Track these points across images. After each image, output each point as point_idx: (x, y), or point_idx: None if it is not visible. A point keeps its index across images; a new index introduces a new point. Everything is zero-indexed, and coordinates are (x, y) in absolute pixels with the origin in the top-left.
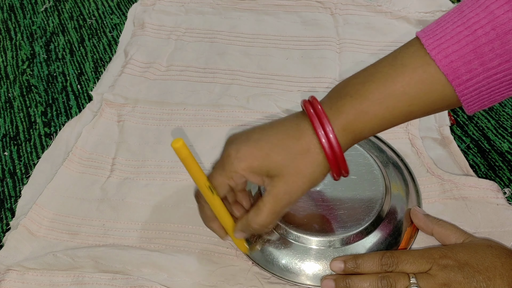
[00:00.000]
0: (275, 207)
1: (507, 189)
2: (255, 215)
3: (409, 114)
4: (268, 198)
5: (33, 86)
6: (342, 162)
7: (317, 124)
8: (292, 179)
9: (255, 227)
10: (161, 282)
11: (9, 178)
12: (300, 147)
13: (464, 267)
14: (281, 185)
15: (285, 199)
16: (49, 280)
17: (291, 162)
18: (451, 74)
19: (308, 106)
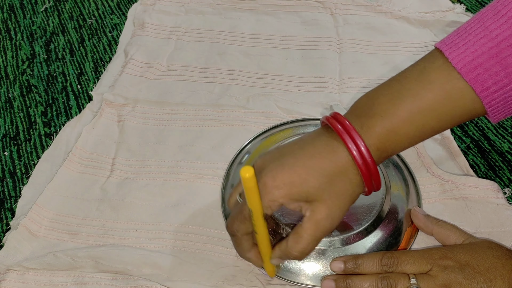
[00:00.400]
0: (316, 233)
1: (507, 189)
2: (295, 243)
3: (438, 129)
4: (308, 225)
5: (33, 86)
6: (376, 179)
7: (351, 144)
8: (332, 202)
9: (295, 255)
10: (162, 282)
11: (9, 178)
12: (337, 169)
13: (464, 268)
14: (322, 210)
15: (327, 224)
16: (49, 280)
17: (329, 186)
18: (479, 87)
19: (336, 124)
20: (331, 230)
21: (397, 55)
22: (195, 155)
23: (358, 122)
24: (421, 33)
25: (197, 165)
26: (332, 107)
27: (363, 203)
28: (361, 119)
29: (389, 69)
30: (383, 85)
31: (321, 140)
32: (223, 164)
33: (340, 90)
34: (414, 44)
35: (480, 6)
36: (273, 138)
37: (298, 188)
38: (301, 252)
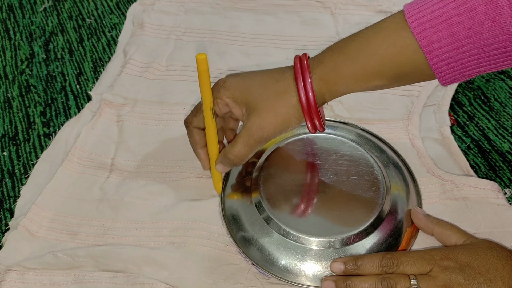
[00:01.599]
0: (248, 139)
1: (508, 189)
2: (231, 147)
3: (379, 75)
4: (243, 132)
5: (32, 86)
6: (315, 110)
7: (298, 71)
8: (265, 114)
9: (231, 158)
10: (162, 280)
11: (8, 178)
12: (278, 88)
13: (465, 268)
14: (255, 120)
15: (258, 133)
16: (50, 279)
17: (267, 99)
18: (422, 40)
19: (297, 58)
20: (262, 139)
21: None
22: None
23: (316, 56)
24: None
25: (196, 164)
26: (332, 107)
27: (364, 204)
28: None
29: None
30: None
31: (279, 69)
32: None
33: None
34: None
35: None
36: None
37: (241, 93)
38: (236, 156)
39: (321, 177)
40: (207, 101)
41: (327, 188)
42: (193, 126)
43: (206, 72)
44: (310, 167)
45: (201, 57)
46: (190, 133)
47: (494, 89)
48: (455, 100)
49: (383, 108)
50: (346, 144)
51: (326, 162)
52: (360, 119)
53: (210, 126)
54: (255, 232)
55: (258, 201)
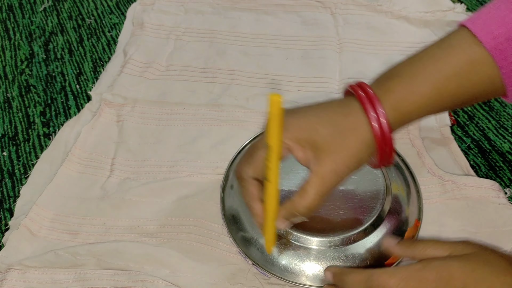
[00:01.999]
0: (322, 188)
1: (508, 189)
2: (301, 198)
3: (456, 97)
4: (314, 179)
5: (31, 86)
6: (389, 143)
7: (366, 102)
8: (339, 156)
9: (301, 211)
10: (164, 278)
11: (8, 178)
12: (348, 124)
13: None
14: (328, 164)
15: (333, 179)
16: (51, 278)
17: (338, 138)
18: (499, 55)
19: (356, 88)
20: (336, 185)
21: (397, 54)
22: (194, 155)
23: (377, 85)
24: (421, 33)
25: (196, 164)
26: None
27: (364, 203)
28: (380, 83)
29: None
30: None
31: (340, 101)
32: (222, 163)
33: (340, 90)
34: (414, 43)
35: (480, 5)
36: None
37: (307, 133)
38: (308, 208)
39: None
40: (276, 150)
41: None
42: (249, 176)
43: (279, 116)
44: None
45: (276, 98)
46: (245, 185)
47: None
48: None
49: None
50: None
51: None
52: None
53: (276, 177)
54: (255, 232)
55: None
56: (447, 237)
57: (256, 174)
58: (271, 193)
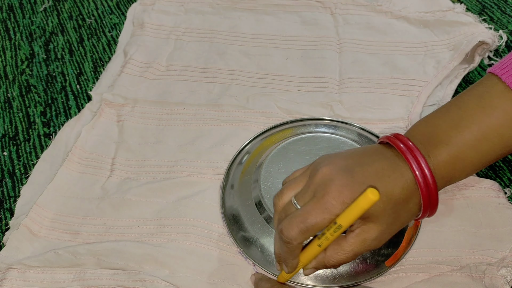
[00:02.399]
0: (359, 249)
1: (508, 189)
2: (335, 253)
3: (502, 154)
4: (354, 240)
5: (32, 86)
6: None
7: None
8: (387, 227)
9: (332, 264)
10: (163, 278)
11: (8, 178)
12: (403, 197)
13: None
14: (373, 232)
15: (373, 244)
16: (51, 277)
17: (391, 212)
18: None
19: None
20: (373, 249)
21: (397, 55)
22: (194, 155)
23: (423, 149)
24: (421, 33)
25: (197, 164)
26: (332, 107)
27: None
28: (425, 147)
29: (389, 69)
30: (440, 111)
31: (387, 159)
32: (222, 163)
33: (340, 90)
34: (414, 43)
35: (480, 6)
36: (273, 138)
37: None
38: (339, 263)
39: None
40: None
41: None
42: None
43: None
44: None
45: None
46: (292, 249)
47: None
48: None
49: (383, 108)
50: (347, 144)
51: None
52: (360, 119)
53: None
54: (256, 231)
55: (258, 201)
56: (446, 237)
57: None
58: (315, 254)
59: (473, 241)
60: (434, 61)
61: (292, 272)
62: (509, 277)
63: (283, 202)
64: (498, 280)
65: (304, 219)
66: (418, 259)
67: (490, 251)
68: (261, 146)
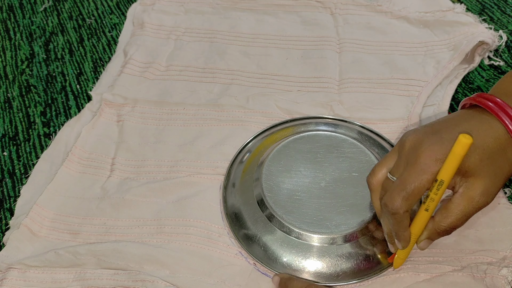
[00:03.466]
0: (468, 208)
1: (507, 189)
2: (444, 218)
3: None
4: (460, 200)
5: (32, 86)
6: None
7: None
8: (489, 179)
9: (443, 228)
10: (163, 278)
11: (8, 178)
12: (497, 146)
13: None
14: (478, 186)
15: (481, 200)
16: (51, 277)
17: (488, 163)
18: None
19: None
20: (483, 206)
21: (397, 55)
22: (195, 155)
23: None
24: (421, 33)
25: (197, 164)
26: (332, 107)
27: (365, 200)
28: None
29: (389, 69)
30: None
31: (474, 118)
32: (223, 163)
33: (340, 90)
34: (414, 43)
35: (480, 6)
36: (274, 137)
37: None
38: (450, 227)
39: (322, 174)
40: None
41: (328, 185)
42: (404, 211)
43: (461, 157)
44: (311, 164)
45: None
46: (399, 219)
47: None
48: (455, 100)
49: (383, 108)
50: (347, 142)
51: (327, 160)
52: (360, 119)
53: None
54: (258, 230)
55: (260, 199)
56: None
57: (410, 208)
58: (425, 221)
59: (473, 241)
60: (434, 61)
61: (406, 246)
62: (510, 277)
63: (377, 180)
64: (499, 280)
65: (403, 186)
66: (419, 259)
67: (490, 251)
68: (262, 145)
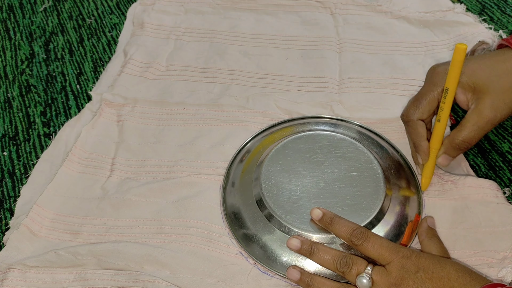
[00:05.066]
0: (479, 121)
1: (507, 188)
2: (458, 132)
3: None
4: (471, 115)
5: (32, 86)
6: None
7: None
8: (497, 95)
9: (459, 143)
10: (164, 278)
11: (8, 178)
12: (504, 67)
13: (418, 271)
14: (486, 101)
15: (490, 115)
16: (51, 277)
17: (495, 79)
18: None
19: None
20: (494, 121)
21: (397, 55)
22: (194, 154)
23: None
24: (421, 33)
25: (197, 164)
26: (332, 107)
27: (365, 199)
28: None
29: (389, 69)
30: None
31: (497, 51)
32: (222, 163)
33: (340, 90)
34: (414, 43)
35: (480, 6)
36: (273, 136)
37: (467, 77)
38: (465, 140)
39: (321, 174)
40: (452, 92)
41: (327, 185)
42: (417, 118)
43: (461, 63)
44: (310, 164)
45: (462, 47)
46: (413, 126)
47: None
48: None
49: (383, 108)
50: (346, 141)
51: (326, 159)
52: (360, 119)
53: (446, 118)
54: (257, 230)
55: (259, 199)
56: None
57: (421, 116)
58: (440, 132)
59: (473, 241)
60: (434, 61)
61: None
62: (509, 278)
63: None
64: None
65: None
66: None
67: (490, 251)
68: (261, 144)
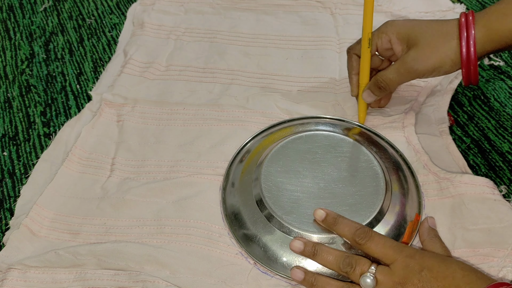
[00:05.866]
0: (400, 67)
1: (503, 186)
2: (382, 72)
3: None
4: (397, 61)
5: (32, 86)
6: (474, 61)
7: (463, 17)
8: (423, 49)
9: (379, 82)
10: (164, 279)
11: (8, 178)
12: (441, 28)
13: (423, 270)
14: (412, 52)
15: (410, 64)
16: (52, 277)
17: (429, 36)
18: None
19: (463, 13)
20: (412, 70)
21: None
22: (194, 154)
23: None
24: None
25: (197, 164)
26: (332, 107)
27: (365, 199)
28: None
29: None
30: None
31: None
32: (222, 163)
33: (340, 90)
34: None
35: (480, 6)
36: (273, 137)
37: (405, 30)
38: (385, 80)
39: (321, 174)
40: (366, 30)
41: (327, 185)
42: (353, 52)
43: (371, 3)
44: (310, 164)
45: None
46: (349, 59)
47: (494, 89)
48: (455, 100)
49: (382, 108)
50: (346, 141)
51: (326, 159)
52: None
53: (364, 54)
54: (257, 230)
55: (259, 199)
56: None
57: (357, 51)
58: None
59: (471, 240)
60: None
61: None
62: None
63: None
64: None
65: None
66: None
67: (489, 250)
68: (261, 145)
